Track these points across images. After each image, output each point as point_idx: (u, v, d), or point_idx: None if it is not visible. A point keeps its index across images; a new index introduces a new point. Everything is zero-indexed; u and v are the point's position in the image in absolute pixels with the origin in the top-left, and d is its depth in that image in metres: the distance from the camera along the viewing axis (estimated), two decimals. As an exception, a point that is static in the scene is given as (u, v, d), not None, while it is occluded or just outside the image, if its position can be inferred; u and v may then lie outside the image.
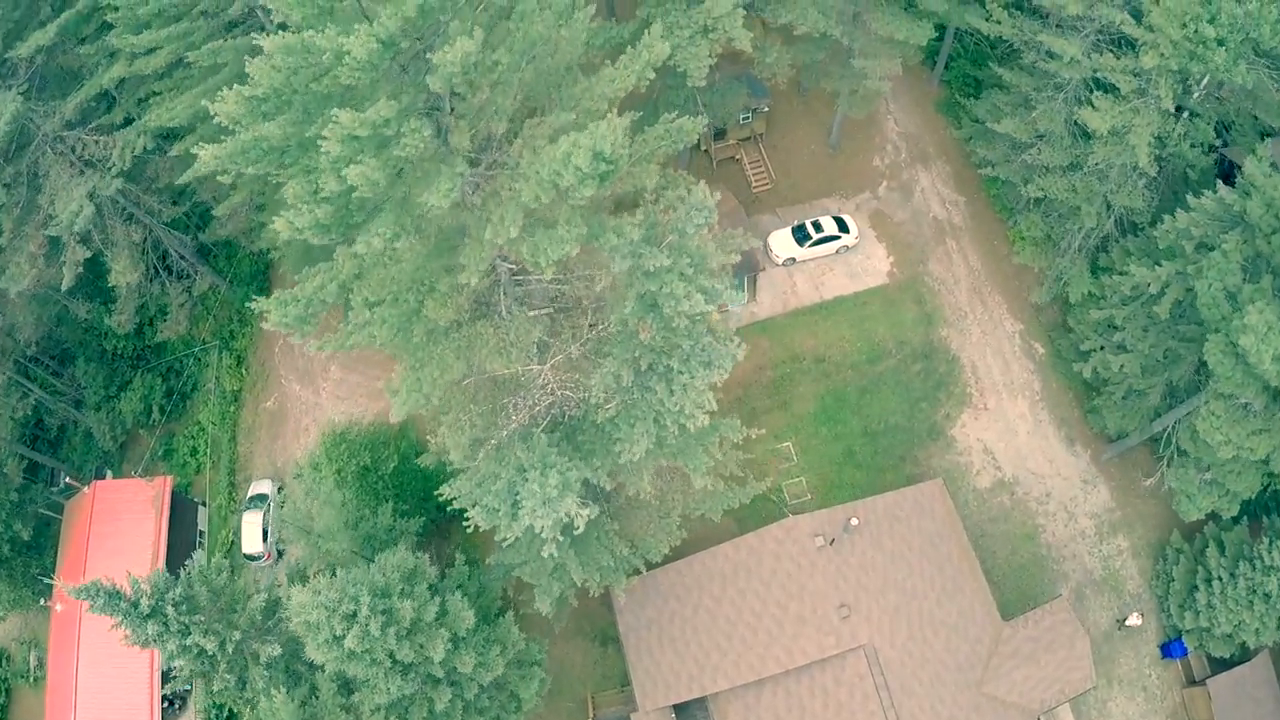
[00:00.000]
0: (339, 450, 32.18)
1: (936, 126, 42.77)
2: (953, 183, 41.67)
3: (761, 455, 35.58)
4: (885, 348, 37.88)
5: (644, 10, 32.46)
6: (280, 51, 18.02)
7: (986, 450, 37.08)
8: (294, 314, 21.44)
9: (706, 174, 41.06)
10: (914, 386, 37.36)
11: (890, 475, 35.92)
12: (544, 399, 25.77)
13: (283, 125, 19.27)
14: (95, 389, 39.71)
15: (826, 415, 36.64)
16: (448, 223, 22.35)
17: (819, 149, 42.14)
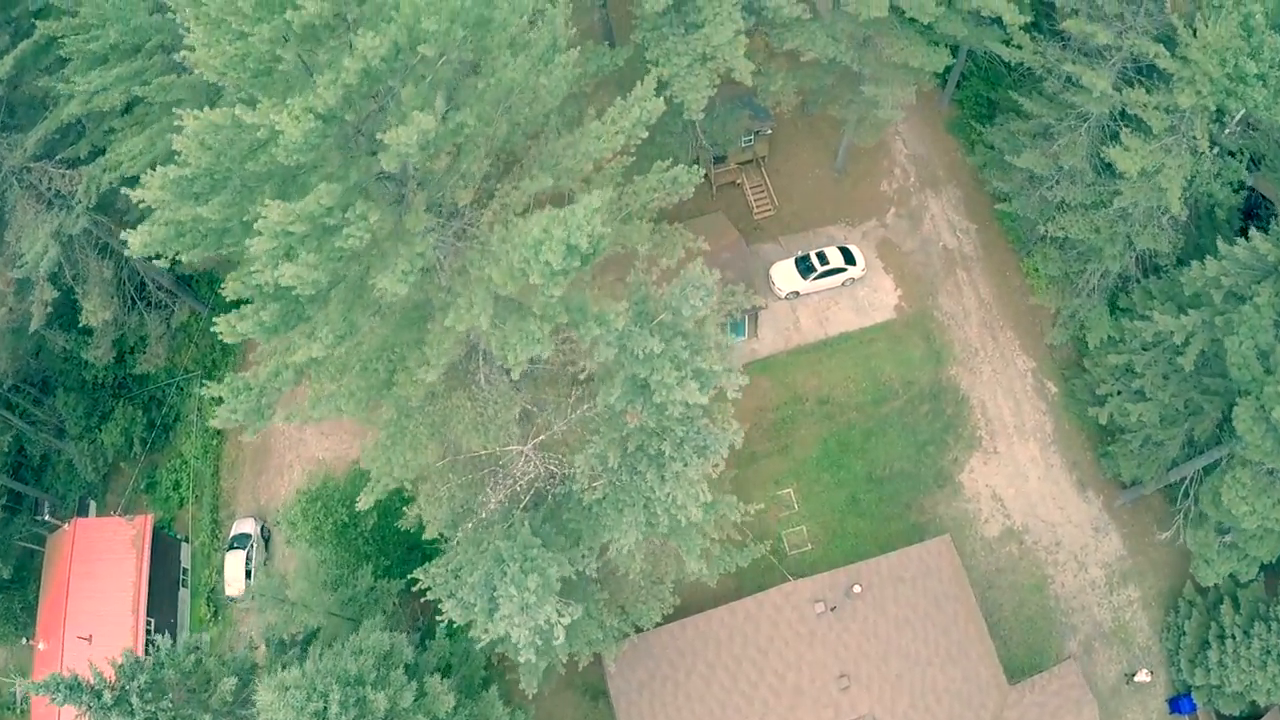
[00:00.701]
0: (315, 509, 29.55)
1: (947, 148, 39.37)
2: (964, 209, 38.39)
3: (761, 502, 32.83)
4: (892, 387, 34.93)
5: (638, 35, 29.07)
6: (207, 130, 15.02)
7: (995, 497, 34.28)
8: (245, 407, 18.66)
9: (705, 199, 37.84)
10: (921, 429, 34.47)
11: (895, 524, 33.19)
12: (526, 475, 23.01)
13: (220, 207, 16.31)
14: (75, 419, 37.11)
15: (829, 460, 33.83)
16: (413, 297, 19.43)
17: (824, 172, 38.83)
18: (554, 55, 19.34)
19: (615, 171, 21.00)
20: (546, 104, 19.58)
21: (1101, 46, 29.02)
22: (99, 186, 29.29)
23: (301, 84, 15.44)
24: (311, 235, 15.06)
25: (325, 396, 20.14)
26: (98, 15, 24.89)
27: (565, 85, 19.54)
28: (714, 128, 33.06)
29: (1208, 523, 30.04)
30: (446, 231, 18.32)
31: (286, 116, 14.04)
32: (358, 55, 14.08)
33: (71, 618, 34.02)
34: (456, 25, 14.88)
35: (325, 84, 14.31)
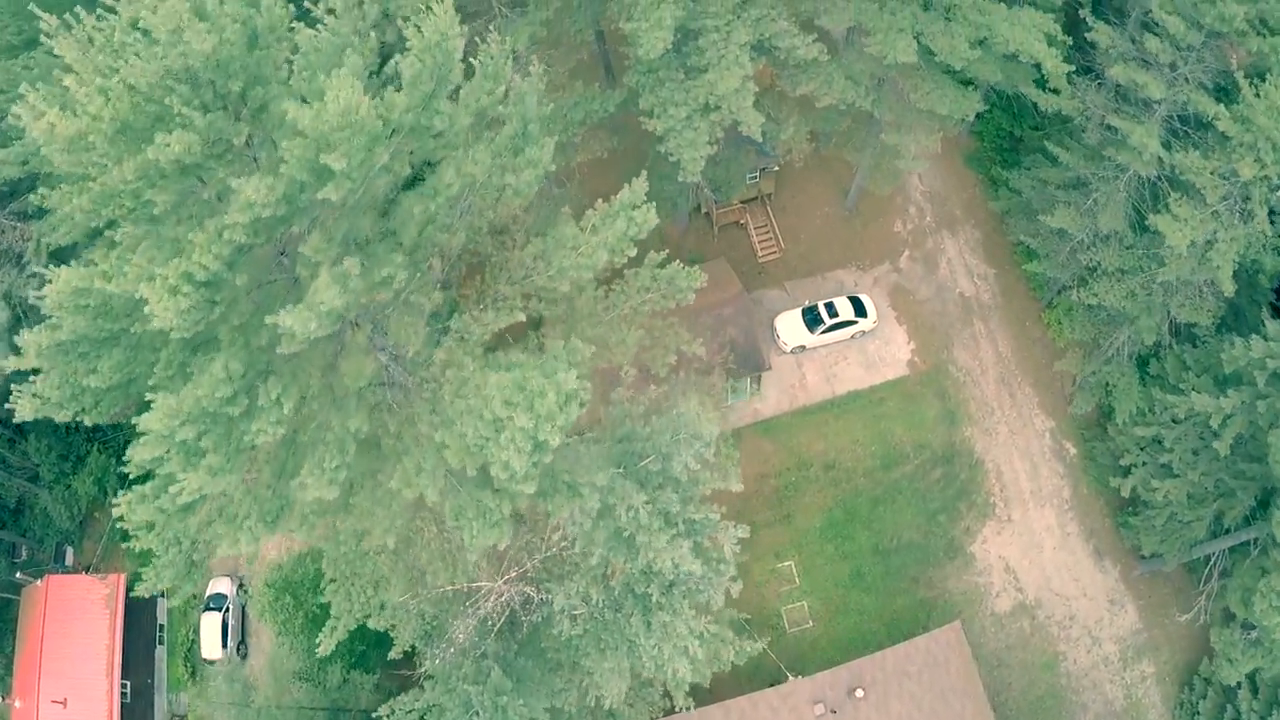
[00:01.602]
0: (284, 601, 26.46)
1: (966, 184, 35.22)
2: (982, 251, 34.40)
3: (760, 575, 29.70)
4: (902, 451, 31.44)
5: (631, 78, 24.90)
6: (70, 296, 11.43)
7: (1008, 569, 31.00)
8: (171, 575, 15.40)
9: (706, 241, 33.95)
10: (932, 496, 31.07)
11: (901, 600, 30.01)
12: (499, 601, 19.78)
13: (112, 371, 12.77)
14: (49, 465, 34.04)
15: (834, 530, 30.53)
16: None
17: (834, 211, 34.80)
18: (524, 147, 15.51)
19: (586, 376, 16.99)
20: (512, 207, 15.85)
21: (1150, 99, 24.84)
22: (49, 246, 25.69)
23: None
24: (211, 431, 11.53)
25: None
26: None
27: (538, 181, 15.75)
28: (715, 172, 29.06)
29: (1234, 621, 26.84)
30: (394, 371, 14.74)
31: (157, 290, 10.43)
32: (242, 204, 10.42)
33: (46, 678, 31.49)
34: (378, 149, 11.12)
35: (204, 244, 10.66)
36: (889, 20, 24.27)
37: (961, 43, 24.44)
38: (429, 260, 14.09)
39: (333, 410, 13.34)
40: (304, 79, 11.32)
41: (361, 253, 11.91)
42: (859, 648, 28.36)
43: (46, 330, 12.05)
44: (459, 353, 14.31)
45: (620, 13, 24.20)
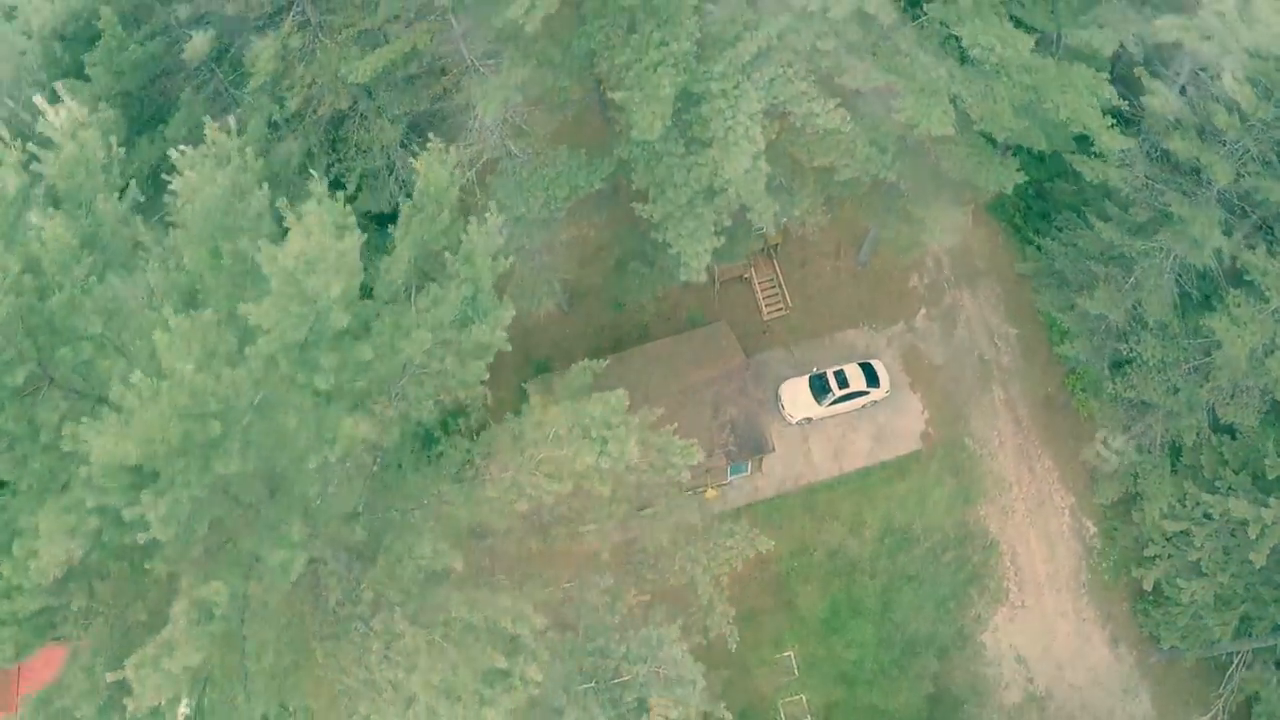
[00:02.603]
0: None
1: (989, 232, 32.05)
2: (1003, 308, 31.42)
3: (756, 666, 27.52)
4: (912, 534, 29.01)
5: (623, 149, 21.50)
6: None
7: (1019, 659, 28.89)
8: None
9: (706, 299, 30.82)
10: (942, 582, 28.76)
11: (906, 695, 27.98)
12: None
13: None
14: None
15: (838, 620, 28.28)
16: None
17: (845, 264, 31.65)
18: (474, 317, 12.30)
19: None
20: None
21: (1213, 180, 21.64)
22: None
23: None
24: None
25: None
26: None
27: (483, 373, 12.57)
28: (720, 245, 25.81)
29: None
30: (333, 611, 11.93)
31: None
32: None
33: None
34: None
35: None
36: (922, 80, 20.78)
37: (1006, 108, 21.08)
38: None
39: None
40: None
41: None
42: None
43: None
44: (397, 602, 11.46)
45: (610, 76, 20.71)
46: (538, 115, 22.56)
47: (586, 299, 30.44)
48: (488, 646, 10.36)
